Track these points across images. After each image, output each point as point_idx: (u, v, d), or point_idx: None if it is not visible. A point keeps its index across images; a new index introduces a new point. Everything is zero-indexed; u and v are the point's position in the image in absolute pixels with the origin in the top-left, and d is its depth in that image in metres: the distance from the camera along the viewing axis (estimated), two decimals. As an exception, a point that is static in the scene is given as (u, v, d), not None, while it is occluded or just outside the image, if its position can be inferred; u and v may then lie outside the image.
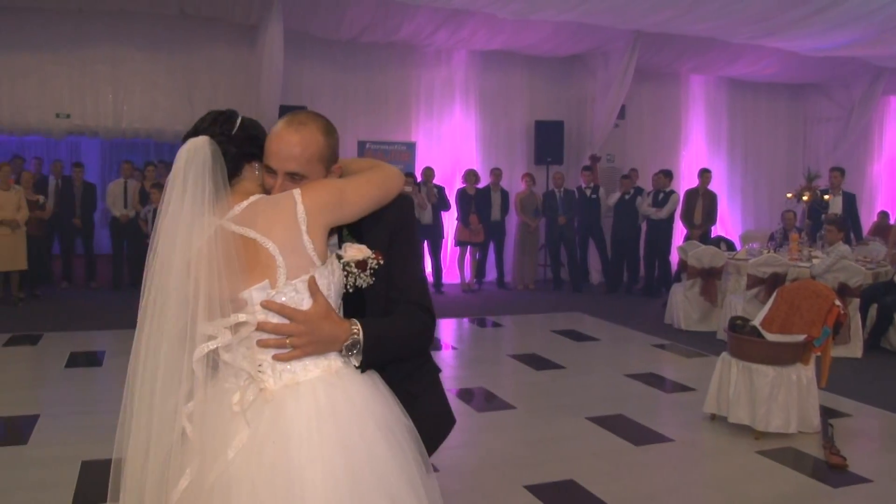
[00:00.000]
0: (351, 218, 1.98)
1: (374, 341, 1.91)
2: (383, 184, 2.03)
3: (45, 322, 8.61)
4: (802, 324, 5.46)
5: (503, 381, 6.75)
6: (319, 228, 1.88)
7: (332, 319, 1.88)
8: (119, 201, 10.88)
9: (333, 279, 1.92)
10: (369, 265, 1.97)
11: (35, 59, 10.18)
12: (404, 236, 2.05)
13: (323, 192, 1.91)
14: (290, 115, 2.01)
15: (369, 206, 1.99)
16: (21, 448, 4.84)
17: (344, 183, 1.97)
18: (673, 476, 4.69)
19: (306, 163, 1.93)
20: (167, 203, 1.94)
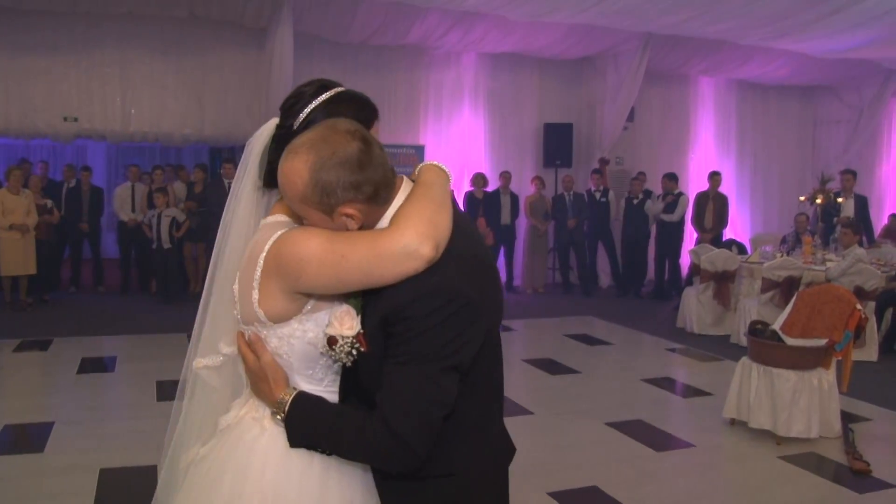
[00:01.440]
0: (318, 292, 1.61)
1: (297, 424, 1.65)
2: (370, 268, 1.53)
3: (55, 327, 8.56)
4: (824, 328, 5.41)
5: (519, 385, 6.70)
6: (273, 290, 1.62)
7: (267, 382, 1.67)
8: (127, 205, 10.84)
9: (296, 342, 1.65)
10: (339, 345, 1.59)
11: (43, 62, 10.13)
12: (402, 332, 1.55)
13: (288, 255, 1.59)
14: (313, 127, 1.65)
15: (340, 287, 1.58)
16: (38, 456, 4.80)
17: (321, 249, 1.56)
18: (697, 482, 4.64)
19: (294, 203, 1.61)
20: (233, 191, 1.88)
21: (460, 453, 1.69)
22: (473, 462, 1.73)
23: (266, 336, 1.67)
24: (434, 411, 1.56)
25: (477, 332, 1.59)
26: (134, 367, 7.01)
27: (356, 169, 1.55)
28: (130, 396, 6.17)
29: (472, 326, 1.57)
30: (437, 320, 1.53)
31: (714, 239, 10.58)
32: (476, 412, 1.72)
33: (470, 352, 1.58)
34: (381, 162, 1.60)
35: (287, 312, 1.64)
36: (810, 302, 5.60)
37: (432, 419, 1.56)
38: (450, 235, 1.58)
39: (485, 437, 1.76)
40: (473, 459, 1.73)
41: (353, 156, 1.55)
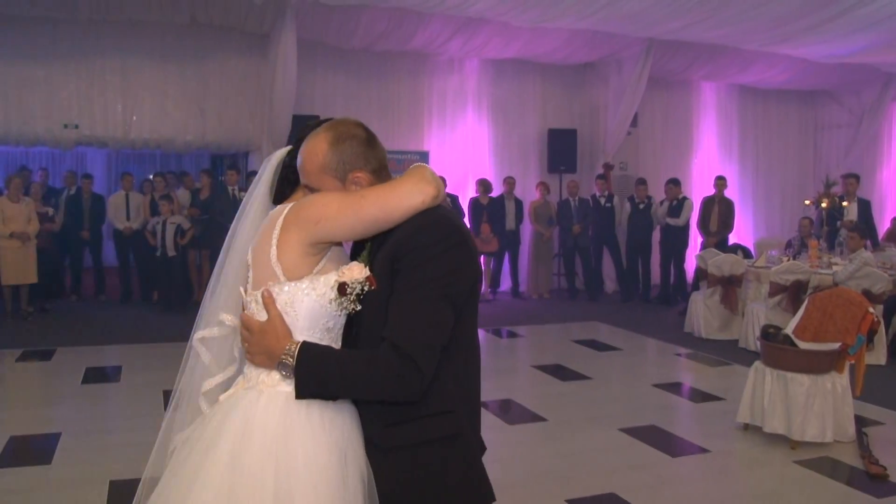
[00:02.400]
0: (337, 236, 1.88)
1: (307, 369, 1.77)
2: (385, 201, 1.82)
3: (57, 336, 8.49)
4: (836, 332, 5.38)
5: (530, 392, 6.66)
6: (292, 243, 1.84)
7: (275, 335, 1.81)
8: (121, 213, 10.74)
9: (305, 298, 1.83)
10: (349, 289, 1.81)
11: (43, 69, 10.07)
12: (407, 264, 1.78)
13: (309, 205, 1.86)
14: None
15: (357, 225, 1.84)
16: (46, 468, 4.73)
17: (339, 197, 1.85)
18: (713, 487, 4.61)
19: (313, 175, 1.90)
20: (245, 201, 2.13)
21: (456, 393, 1.86)
22: (466, 405, 1.89)
23: (277, 294, 1.84)
24: (435, 333, 1.75)
25: (471, 272, 1.84)
26: (139, 378, 6.93)
27: (365, 144, 1.91)
28: (137, 407, 6.09)
29: (468, 264, 1.83)
30: (440, 249, 1.78)
31: (719, 243, 10.55)
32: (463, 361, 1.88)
33: (463, 288, 1.81)
34: (382, 151, 1.96)
35: (300, 268, 1.84)
36: (822, 306, 5.57)
37: (433, 340, 1.74)
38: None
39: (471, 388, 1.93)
40: (466, 403, 1.89)
41: (362, 135, 1.92)
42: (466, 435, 1.87)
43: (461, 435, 1.86)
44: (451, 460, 1.85)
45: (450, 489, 1.85)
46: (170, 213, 10.06)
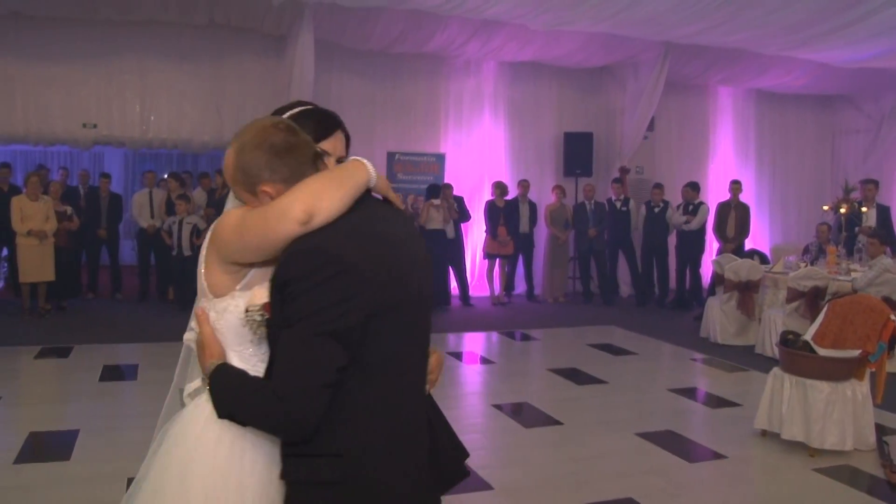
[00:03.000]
0: (238, 259, 1.77)
1: (216, 391, 1.73)
2: (261, 227, 1.68)
3: (75, 334, 8.53)
4: (856, 339, 5.34)
5: (546, 395, 6.63)
6: (211, 259, 1.82)
7: (204, 351, 1.80)
8: (145, 211, 10.81)
9: (227, 315, 1.81)
10: (249, 313, 1.76)
11: (62, 69, 10.17)
12: (286, 296, 1.61)
13: (219, 223, 1.82)
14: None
15: (246, 253, 1.74)
16: (65, 464, 4.75)
17: (238, 218, 1.75)
18: (731, 494, 4.57)
19: (231, 186, 1.82)
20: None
21: (349, 435, 1.66)
22: (366, 448, 1.67)
23: (208, 310, 1.83)
24: (311, 376, 1.57)
25: (359, 304, 1.60)
26: (156, 376, 6.94)
27: (272, 152, 1.71)
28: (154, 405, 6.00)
29: (353, 296, 1.60)
30: (313, 282, 1.58)
31: (736, 249, 10.50)
32: (372, 396, 1.67)
33: (349, 322, 1.59)
34: (301, 155, 1.75)
35: (224, 285, 1.80)
36: (842, 312, 5.53)
37: (309, 384, 1.57)
38: (341, 209, 1.67)
39: (383, 424, 1.70)
40: (365, 445, 1.67)
41: (270, 143, 1.72)
42: (360, 480, 1.67)
43: (351, 481, 1.66)
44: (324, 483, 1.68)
45: None
46: (186, 213, 10.10)
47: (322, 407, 1.60)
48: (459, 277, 11.26)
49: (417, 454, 1.76)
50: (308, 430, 1.63)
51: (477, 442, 5.42)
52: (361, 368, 1.64)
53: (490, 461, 4.98)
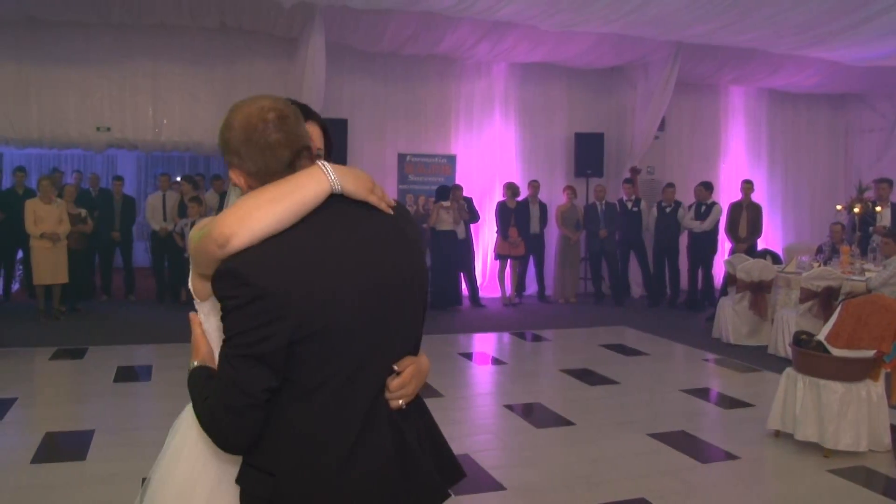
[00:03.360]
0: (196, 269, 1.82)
1: (190, 390, 1.75)
2: (200, 243, 1.67)
3: (89, 336, 8.59)
4: (871, 339, 5.31)
5: (558, 396, 6.64)
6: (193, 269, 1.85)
7: (193, 353, 1.84)
8: (158, 214, 10.87)
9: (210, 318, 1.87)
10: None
11: (76, 73, 10.25)
12: (223, 314, 1.61)
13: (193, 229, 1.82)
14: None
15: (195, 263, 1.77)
16: (81, 464, 4.79)
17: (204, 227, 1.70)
18: (744, 494, 4.56)
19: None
20: None
21: (285, 458, 1.63)
22: (300, 473, 1.63)
23: (197, 313, 1.90)
24: (234, 397, 1.56)
25: (278, 329, 1.54)
26: (169, 377, 7.00)
27: (247, 143, 1.65)
28: (168, 406, 6.10)
29: (271, 322, 1.54)
30: (232, 305, 1.56)
31: (748, 249, 10.47)
32: (309, 421, 1.62)
33: (268, 347, 1.54)
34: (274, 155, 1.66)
35: (204, 290, 1.81)
36: (856, 312, 5.51)
37: (232, 405, 1.57)
38: (270, 230, 1.58)
39: (322, 452, 1.63)
40: (300, 471, 1.63)
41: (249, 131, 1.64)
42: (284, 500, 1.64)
43: (277, 499, 1.64)
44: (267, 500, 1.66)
45: None
46: (198, 216, 10.15)
47: (249, 425, 1.59)
48: (469, 278, 11.27)
49: (363, 476, 1.66)
50: (238, 447, 1.64)
51: (489, 442, 5.44)
52: (294, 389, 1.62)
53: (502, 461, 4.99)
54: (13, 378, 6.89)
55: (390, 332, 1.71)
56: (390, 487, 1.68)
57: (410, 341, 1.79)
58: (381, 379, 1.70)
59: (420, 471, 1.73)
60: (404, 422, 1.73)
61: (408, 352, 1.77)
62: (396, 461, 1.69)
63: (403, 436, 1.71)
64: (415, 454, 1.73)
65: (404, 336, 1.76)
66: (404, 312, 1.74)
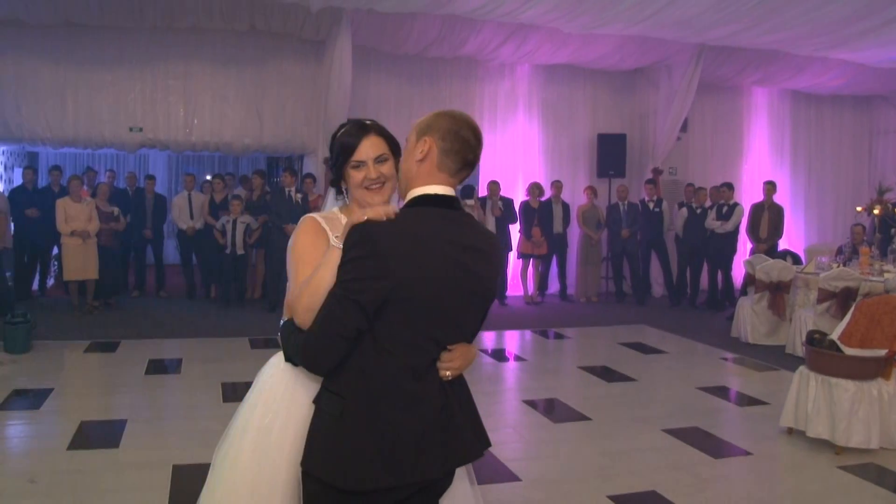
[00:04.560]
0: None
1: (282, 338, 2.21)
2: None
3: (121, 330, 8.85)
4: (883, 338, 5.40)
5: (575, 392, 6.78)
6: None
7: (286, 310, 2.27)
8: (185, 214, 11.11)
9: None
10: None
11: (110, 75, 10.51)
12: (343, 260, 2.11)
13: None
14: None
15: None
16: (114, 451, 5.01)
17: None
18: (755, 489, 4.66)
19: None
20: None
21: (352, 386, 2.02)
22: (361, 401, 2.01)
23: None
24: (331, 325, 1.97)
25: (378, 287, 1.94)
26: (199, 369, 7.23)
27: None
28: (197, 397, 6.37)
29: (374, 279, 1.94)
30: (348, 257, 1.97)
31: (769, 249, 10.51)
32: (379, 367, 2.01)
33: (368, 298, 1.94)
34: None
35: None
36: (869, 312, 5.59)
37: (328, 331, 1.97)
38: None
39: (383, 388, 2.01)
40: (362, 399, 2.01)
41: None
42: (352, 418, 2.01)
43: (345, 417, 2.02)
44: (329, 433, 2.04)
45: (316, 454, 2.06)
46: (239, 213, 10.39)
47: (335, 352, 2.00)
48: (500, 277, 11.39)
49: (406, 417, 2.02)
50: (323, 367, 2.05)
51: (508, 436, 5.60)
52: (372, 337, 2.00)
53: (519, 454, 5.15)
54: (49, 369, 7.15)
55: (454, 321, 2.10)
56: (435, 434, 2.06)
57: (467, 333, 2.18)
58: (438, 353, 2.08)
59: (459, 429, 2.12)
60: (451, 389, 2.12)
61: (464, 340, 2.15)
62: (443, 415, 2.08)
63: (448, 399, 2.10)
64: (456, 415, 2.12)
65: (464, 328, 2.15)
66: (469, 310, 2.14)
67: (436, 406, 2.07)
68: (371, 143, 2.34)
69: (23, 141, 10.67)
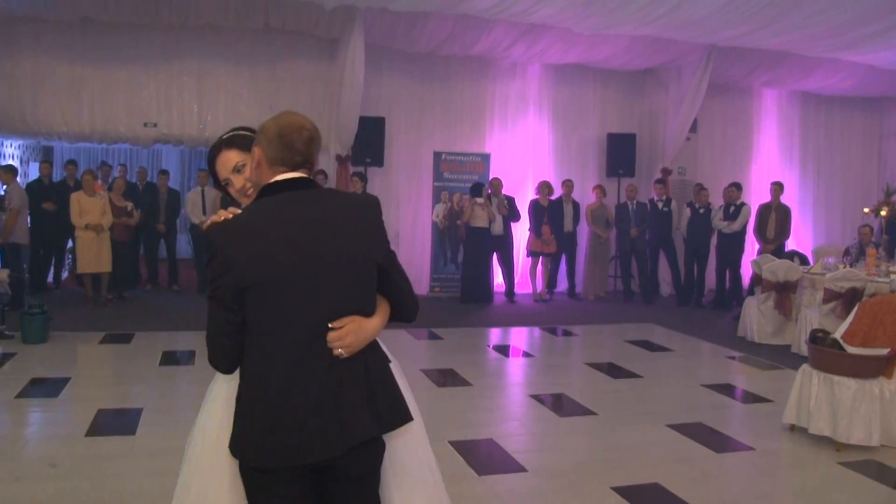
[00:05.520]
0: None
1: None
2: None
3: (135, 322, 9.01)
4: (885, 338, 5.47)
5: (582, 387, 6.88)
6: None
7: None
8: (198, 209, 11.24)
9: None
10: None
11: (126, 72, 10.66)
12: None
13: None
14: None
15: None
16: (132, 438, 5.15)
17: None
18: (757, 483, 4.75)
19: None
20: None
21: (245, 370, 2.16)
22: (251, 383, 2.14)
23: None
24: (211, 326, 2.15)
25: (226, 280, 2.09)
26: (211, 362, 7.35)
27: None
28: (210, 388, 6.49)
29: (222, 274, 2.10)
30: (206, 260, 2.18)
31: (776, 250, 10.57)
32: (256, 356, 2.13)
33: (224, 293, 2.10)
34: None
35: None
36: (872, 312, 5.67)
37: (211, 332, 2.15)
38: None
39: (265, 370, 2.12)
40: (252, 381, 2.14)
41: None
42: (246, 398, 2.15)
43: (242, 397, 2.16)
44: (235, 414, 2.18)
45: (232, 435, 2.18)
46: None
47: (222, 349, 2.15)
48: (508, 274, 11.51)
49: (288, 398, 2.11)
50: (220, 365, 2.19)
51: (514, 429, 5.71)
52: (250, 330, 2.13)
53: (526, 446, 5.25)
54: (66, 360, 7.32)
55: (320, 296, 2.13)
56: (325, 414, 2.10)
57: (359, 304, 2.19)
58: (317, 331, 2.12)
59: (352, 408, 2.14)
60: (345, 368, 2.14)
61: (345, 314, 2.15)
62: (330, 394, 2.12)
63: (342, 377, 2.13)
64: (349, 393, 2.14)
65: (337, 302, 2.15)
66: (336, 282, 2.15)
67: (324, 386, 2.12)
68: (221, 162, 2.57)
69: (39, 135, 10.82)
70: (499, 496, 4.33)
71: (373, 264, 2.22)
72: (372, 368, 2.22)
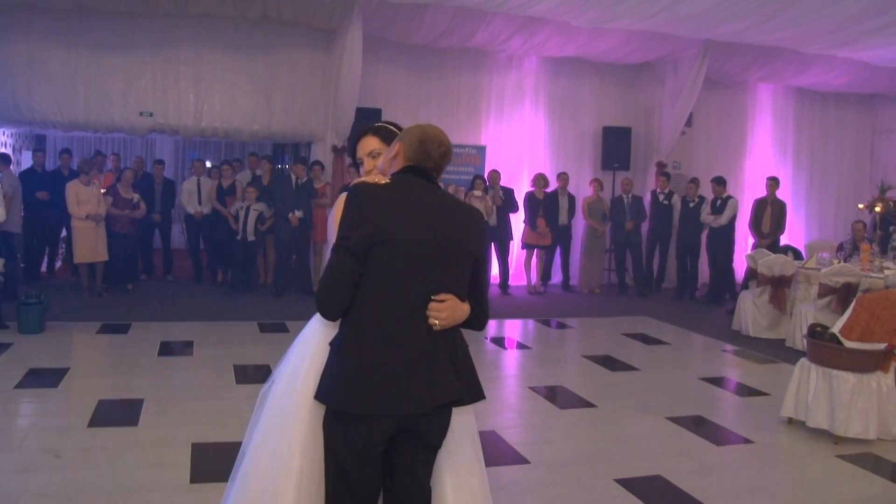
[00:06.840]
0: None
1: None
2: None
3: (132, 312, 8.97)
4: (883, 332, 5.52)
5: (580, 380, 6.92)
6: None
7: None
8: (193, 199, 11.22)
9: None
10: None
11: (122, 60, 10.54)
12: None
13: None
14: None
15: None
16: (133, 429, 5.14)
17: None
18: (756, 476, 4.80)
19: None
20: None
21: (350, 321, 2.37)
22: (354, 335, 2.35)
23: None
24: (331, 272, 2.34)
25: (360, 233, 2.31)
26: (210, 352, 7.36)
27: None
28: (210, 379, 6.51)
29: (358, 226, 2.32)
30: (343, 212, 2.37)
31: (771, 244, 10.62)
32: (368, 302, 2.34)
33: (355, 243, 2.31)
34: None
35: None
36: (870, 307, 5.72)
37: (329, 278, 2.35)
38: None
39: (373, 324, 2.34)
40: (355, 333, 2.35)
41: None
42: (348, 348, 2.35)
43: (343, 346, 2.37)
44: (331, 362, 2.40)
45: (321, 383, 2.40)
46: (254, 200, 10.49)
47: (338, 295, 2.35)
48: (503, 266, 11.54)
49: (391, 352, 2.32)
50: (331, 312, 2.39)
51: (513, 420, 5.74)
52: (367, 282, 2.34)
53: (526, 438, 5.29)
54: (64, 350, 7.30)
55: (435, 268, 2.39)
56: (419, 373, 2.33)
57: (455, 287, 2.44)
58: (422, 300, 2.37)
59: (444, 372, 2.38)
60: (438, 338, 2.39)
61: (450, 290, 2.41)
62: (426, 356, 2.35)
63: (435, 345, 2.38)
64: (441, 359, 2.38)
65: (447, 278, 2.41)
66: (450, 260, 2.42)
67: (421, 348, 2.35)
68: (364, 143, 2.85)
69: (34, 124, 10.72)
70: (503, 488, 4.37)
71: (472, 258, 2.50)
72: (458, 346, 2.48)
